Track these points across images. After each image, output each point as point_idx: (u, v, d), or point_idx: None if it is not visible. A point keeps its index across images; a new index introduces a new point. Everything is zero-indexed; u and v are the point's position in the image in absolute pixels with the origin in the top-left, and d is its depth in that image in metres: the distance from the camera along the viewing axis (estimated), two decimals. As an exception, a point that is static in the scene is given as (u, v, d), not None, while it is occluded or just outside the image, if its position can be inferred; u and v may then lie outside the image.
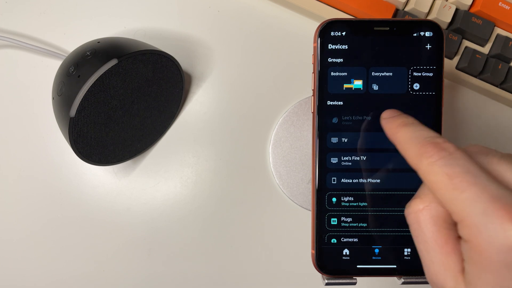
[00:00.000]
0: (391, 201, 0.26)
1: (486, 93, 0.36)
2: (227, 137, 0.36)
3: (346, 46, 0.26)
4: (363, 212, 0.26)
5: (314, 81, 0.26)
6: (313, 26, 0.36)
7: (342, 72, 0.26)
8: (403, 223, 0.26)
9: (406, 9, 0.34)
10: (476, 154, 0.18)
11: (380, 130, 0.26)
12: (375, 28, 0.26)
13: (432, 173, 0.18)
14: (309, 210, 0.35)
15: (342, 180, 0.26)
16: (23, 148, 0.36)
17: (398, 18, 0.31)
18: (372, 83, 0.26)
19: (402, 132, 0.21)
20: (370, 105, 0.26)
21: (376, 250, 0.26)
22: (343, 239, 0.26)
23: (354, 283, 0.26)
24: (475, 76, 0.35)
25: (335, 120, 0.26)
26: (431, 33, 0.26)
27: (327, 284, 0.26)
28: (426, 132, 0.20)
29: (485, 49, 0.34)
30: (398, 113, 0.23)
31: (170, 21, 0.36)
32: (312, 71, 0.26)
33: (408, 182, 0.26)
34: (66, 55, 0.33)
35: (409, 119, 0.21)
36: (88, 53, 0.29)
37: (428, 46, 0.26)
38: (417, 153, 0.19)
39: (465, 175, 0.17)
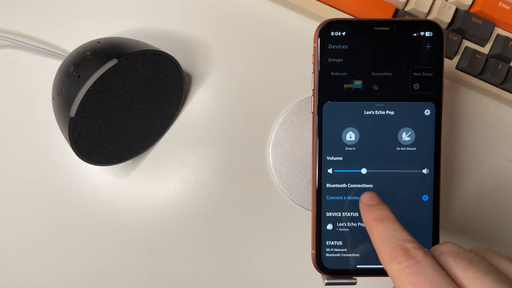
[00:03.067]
0: (392, 200, 0.26)
1: (486, 93, 0.36)
2: (227, 137, 0.36)
3: (346, 46, 0.26)
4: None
5: (314, 81, 0.26)
6: (313, 26, 0.36)
7: (342, 72, 0.26)
8: (403, 223, 0.26)
9: (406, 9, 0.34)
10: (445, 255, 0.19)
11: (379, 133, 0.26)
12: (375, 28, 0.26)
13: (399, 280, 0.19)
14: (309, 210, 0.35)
15: (343, 180, 0.26)
16: (23, 148, 0.36)
17: (398, 18, 0.31)
18: (372, 83, 0.26)
19: (376, 228, 0.22)
20: (369, 105, 0.26)
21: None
22: (343, 239, 0.26)
23: (354, 283, 0.26)
24: (475, 76, 0.35)
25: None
26: (431, 33, 0.26)
27: (327, 284, 0.26)
28: (398, 233, 0.20)
29: (485, 49, 0.34)
30: (376, 201, 0.23)
31: (170, 21, 0.36)
32: (312, 71, 0.26)
33: (408, 180, 0.26)
34: (66, 55, 0.33)
35: (385, 213, 0.22)
36: (88, 53, 0.29)
37: (428, 46, 0.26)
38: (388, 256, 0.20)
39: (428, 285, 0.18)
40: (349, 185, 0.26)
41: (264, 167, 0.36)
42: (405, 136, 0.26)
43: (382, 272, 0.26)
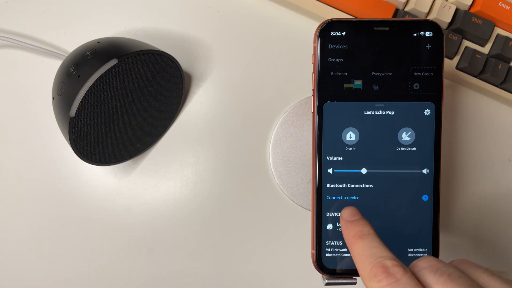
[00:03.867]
0: (392, 201, 0.26)
1: (486, 93, 0.36)
2: (227, 137, 0.36)
3: (346, 46, 0.26)
4: (363, 211, 0.26)
5: (314, 81, 0.26)
6: (313, 26, 0.36)
7: (342, 72, 0.26)
8: (403, 223, 0.26)
9: (406, 9, 0.34)
10: (424, 271, 0.19)
11: (379, 133, 0.26)
12: (375, 28, 0.26)
13: None
14: (309, 210, 0.35)
15: (343, 180, 0.26)
16: (23, 148, 0.36)
17: (398, 18, 0.31)
18: (372, 83, 0.26)
19: (357, 245, 0.21)
20: (369, 105, 0.26)
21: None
22: (343, 239, 0.26)
23: (354, 283, 0.26)
24: (475, 76, 0.35)
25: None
26: (431, 33, 0.26)
27: (327, 284, 0.26)
28: (378, 250, 0.20)
29: (485, 49, 0.34)
30: (357, 217, 0.23)
31: (170, 21, 0.36)
32: (312, 71, 0.26)
33: (408, 180, 0.26)
34: (66, 55, 0.33)
35: (365, 229, 0.22)
36: (88, 53, 0.29)
37: (428, 46, 0.26)
38: (368, 273, 0.20)
39: None
40: (349, 185, 0.26)
41: (264, 167, 0.36)
42: (405, 136, 0.26)
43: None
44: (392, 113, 0.26)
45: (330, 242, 0.26)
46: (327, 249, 0.26)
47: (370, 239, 0.21)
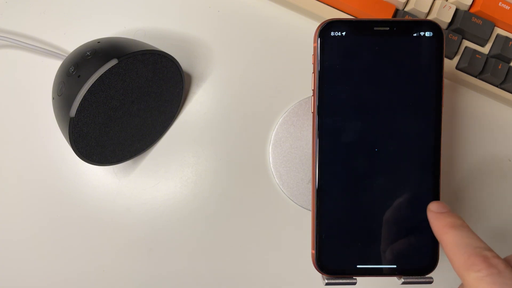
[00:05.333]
0: (392, 201, 0.26)
1: (486, 93, 0.36)
2: (227, 137, 0.36)
3: (346, 46, 0.26)
4: (363, 212, 0.26)
5: (314, 81, 0.26)
6: (313, 26, 0.36)
7: (342, 72, 0.26)
8: (403, 223, 0.26)
9: (406, 9, 0.34)
10: None
11: (379, 131, 0.26)
12: (375, 28, 0.26)
13: None
14: (309, 210, 0.35)
15: (342, 180, 0.26)
16: (23, 148, 0.36)
17: (398, 18, 0.31)
18: (372, 83, 0.26)
19: (450, 234, 0.21)
20: (370, 105, 0.26)
21: (376, 250, 0.26)
22: (343, 239, 0.26)
23: (354, 283, 0.26)
24: (475, 76, 0.35)
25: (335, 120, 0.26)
26: (431, 33, 0.26)
27: (327, 284, 0.26)
28: (475, 241, 0.20)
29: (485, 49, 0.34)
30: (446, 209, 0.23)
31: (170, 21, 0.36)
32: (312, 71, 0.26)
33: (408, 180, 0.26)
34: (66, 55, 0.33)
35: (458, 221, 0.21)
36: (88, 53, 0.29)
37: (428, 46, 0.26)
38: (464, 262, 0.19)
39: None
40: (349, 185, 0.26)
41: (264, 167, 0.36)
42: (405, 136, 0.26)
43: (382, 272, 0.26)
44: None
45: (330, 242, 0.26)
46: (327, 249, 0.26)
47: (465, 230, 0.21)
